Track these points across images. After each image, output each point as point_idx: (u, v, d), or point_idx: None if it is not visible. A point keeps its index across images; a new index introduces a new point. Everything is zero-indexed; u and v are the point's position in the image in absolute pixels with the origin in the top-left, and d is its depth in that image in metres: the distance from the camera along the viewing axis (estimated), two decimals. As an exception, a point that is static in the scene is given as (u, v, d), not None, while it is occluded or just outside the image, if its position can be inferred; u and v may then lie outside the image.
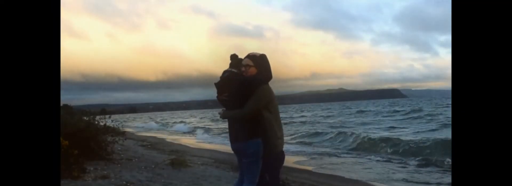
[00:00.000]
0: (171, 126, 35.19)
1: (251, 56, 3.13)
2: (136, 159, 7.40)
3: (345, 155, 12.00)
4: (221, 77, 3.22)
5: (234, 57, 3.24)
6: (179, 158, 7.50)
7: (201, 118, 53.06)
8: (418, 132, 17.44)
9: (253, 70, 3.10)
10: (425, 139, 12.86)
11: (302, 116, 40.57)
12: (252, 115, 3.03)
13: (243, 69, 3.12)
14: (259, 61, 3.12)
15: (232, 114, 3.12)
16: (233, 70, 3.17)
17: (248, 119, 3.05)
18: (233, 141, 3.18)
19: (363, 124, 24.30)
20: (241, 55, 3.23)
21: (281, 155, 3.21)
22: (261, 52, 3.17)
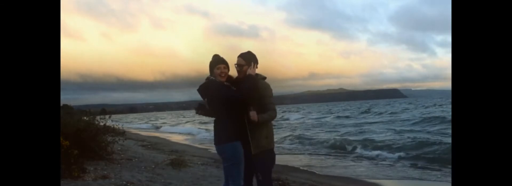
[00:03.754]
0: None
1: (242, 55, 3.30)
2: (136, 159, 7.39)
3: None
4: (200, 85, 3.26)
5: (215, 56, 3.31)
6: (179, 158, 7.50)
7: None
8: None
9: (246, 68, 3.24)
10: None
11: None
12: (247, 95, 3.09)
13: (237, 68, 3.26)
14: (249, 57, 3.29)
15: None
16: (211, 77, 3.23)
17: (226, 123, 3.09)
18: (215, 144, 3.24)
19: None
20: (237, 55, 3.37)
21: (271, 155, 3.26)
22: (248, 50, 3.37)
